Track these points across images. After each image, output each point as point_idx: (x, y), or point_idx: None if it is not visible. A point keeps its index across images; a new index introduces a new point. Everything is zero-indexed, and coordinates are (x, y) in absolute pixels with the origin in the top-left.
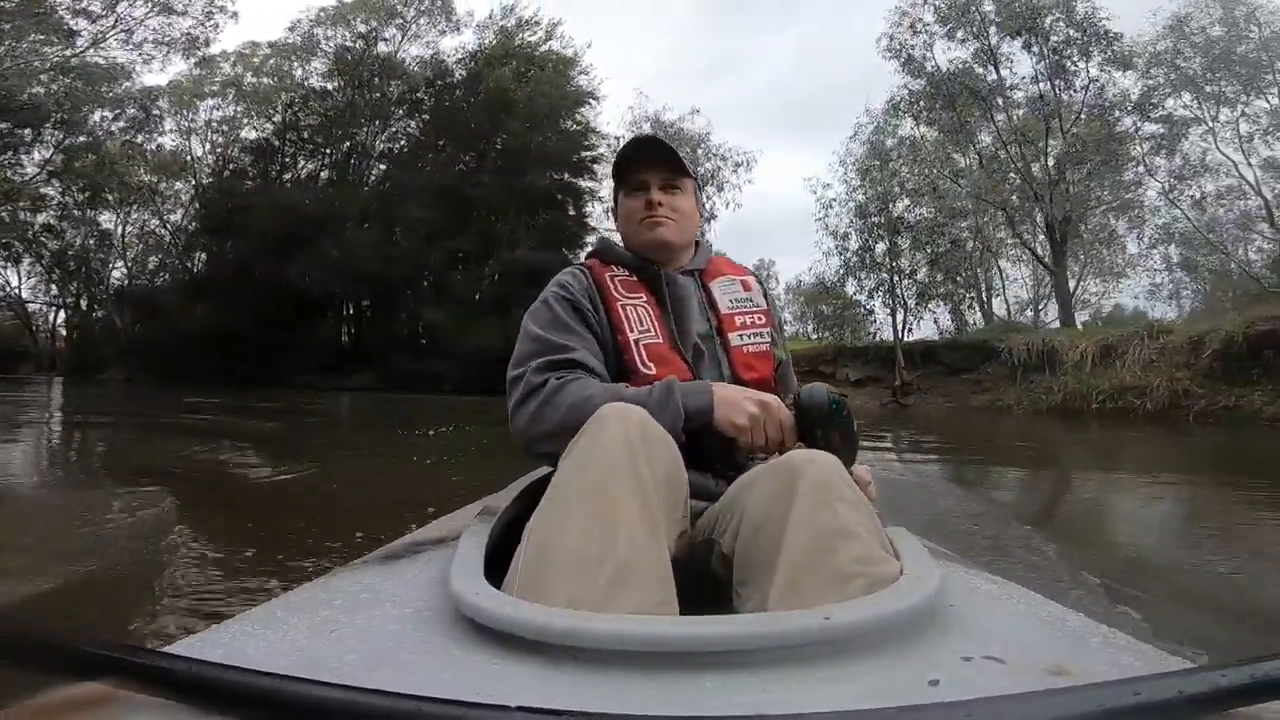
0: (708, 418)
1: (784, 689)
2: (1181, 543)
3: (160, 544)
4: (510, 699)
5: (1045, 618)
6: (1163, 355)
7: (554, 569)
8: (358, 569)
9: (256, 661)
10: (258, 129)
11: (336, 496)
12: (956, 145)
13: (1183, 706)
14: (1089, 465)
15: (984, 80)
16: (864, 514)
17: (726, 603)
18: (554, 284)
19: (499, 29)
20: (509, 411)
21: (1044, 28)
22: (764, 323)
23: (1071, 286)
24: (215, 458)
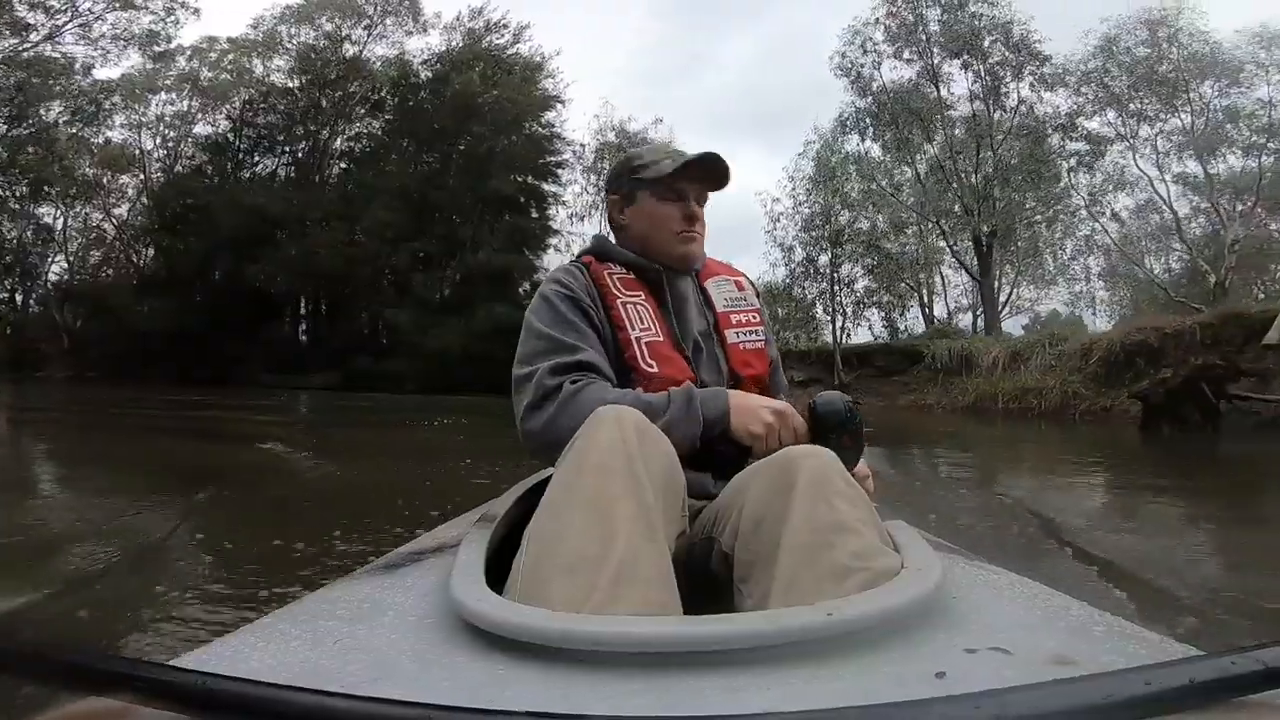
0: (724, 425)
1: (789, 687)
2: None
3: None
4: (516, 704)
5: (1048, 607)
6: (1060, 361)
7: (554, 572)
8: (358, 579)
9: (261, 674)
10: (213, 125)
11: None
12: (897, 161)
13: (1193, 695)
14: (965, 447)
15: (925, 99)
16: (862, 508)
17: (728, 601)
18: (552, 281)
19: (466, 31)
20: (519, 412)
21: (983, 48)
22: (758, 321)
23: (1006, 294)
24: (271, 456)
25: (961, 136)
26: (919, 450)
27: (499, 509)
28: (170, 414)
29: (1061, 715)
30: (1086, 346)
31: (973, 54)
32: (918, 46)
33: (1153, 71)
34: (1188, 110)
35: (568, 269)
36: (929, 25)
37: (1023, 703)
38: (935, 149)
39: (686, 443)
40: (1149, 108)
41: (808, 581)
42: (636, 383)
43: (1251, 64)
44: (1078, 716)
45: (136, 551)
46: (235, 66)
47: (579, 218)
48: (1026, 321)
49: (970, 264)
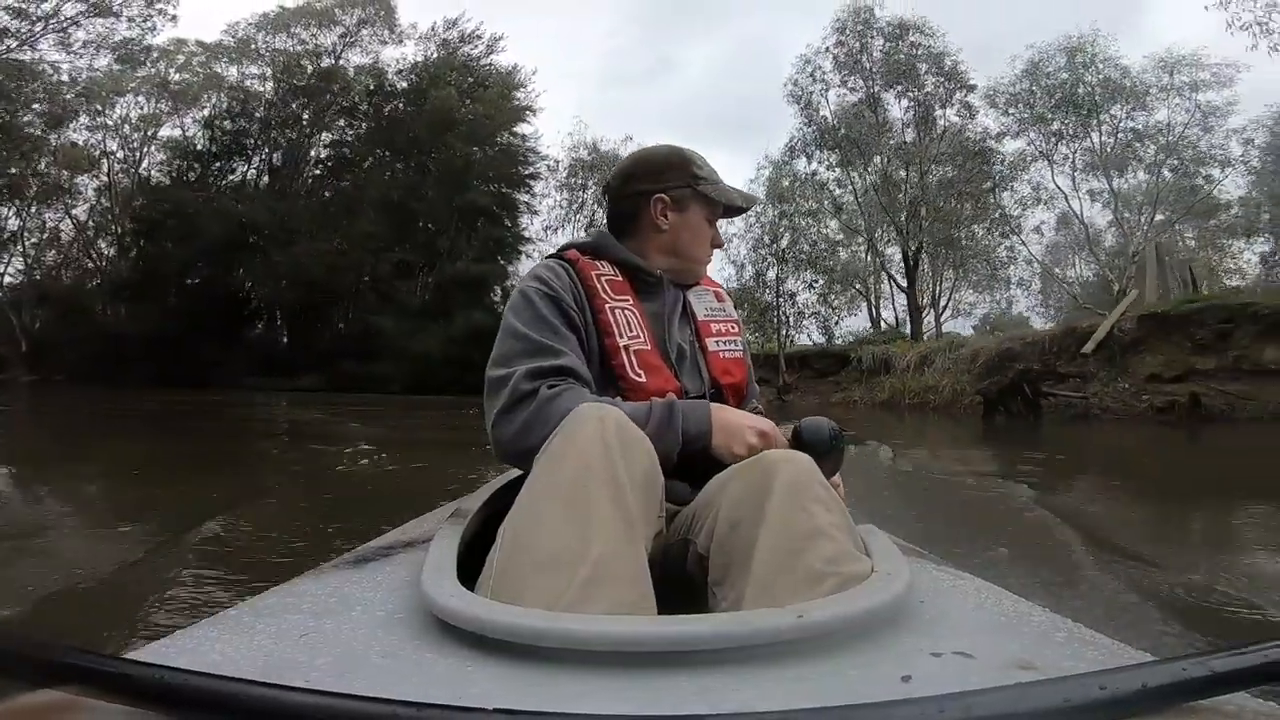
0: (705, 442)
1: (759, 687)
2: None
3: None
4: (487, 701)
5: (1011, 613)
6: (955, 364)
7: (528, 570)
8: (326, 573)
9: (223, 667)
10: (182, 128)
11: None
12: (840, 184)
13: (1146, 699)
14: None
15: (866, 125)
16: (837, 514)
17: (703, 603)
18: (533, 278)
19: (441, 42)
20: (489, 415)
21: (918, 77)
22: (736, 331)
23: (947, 298)
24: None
25: (894, 162)
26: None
27: (472, 505)
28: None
29: (1021, 718)
30: (975, 352)
31: (909, 81)
32: (861, 74)
33: (1072, 94)
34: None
35: (551, 266)
36: (873, 54)
37: (985, 706)
38: (873, 174)
39: (664, 457)
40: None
41: (782, 586)
42: (622, 391)
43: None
44: (1036, 719)
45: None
46: (205, 70)
47: (552, 230)
48: (976, 322)
49: (899, 277)
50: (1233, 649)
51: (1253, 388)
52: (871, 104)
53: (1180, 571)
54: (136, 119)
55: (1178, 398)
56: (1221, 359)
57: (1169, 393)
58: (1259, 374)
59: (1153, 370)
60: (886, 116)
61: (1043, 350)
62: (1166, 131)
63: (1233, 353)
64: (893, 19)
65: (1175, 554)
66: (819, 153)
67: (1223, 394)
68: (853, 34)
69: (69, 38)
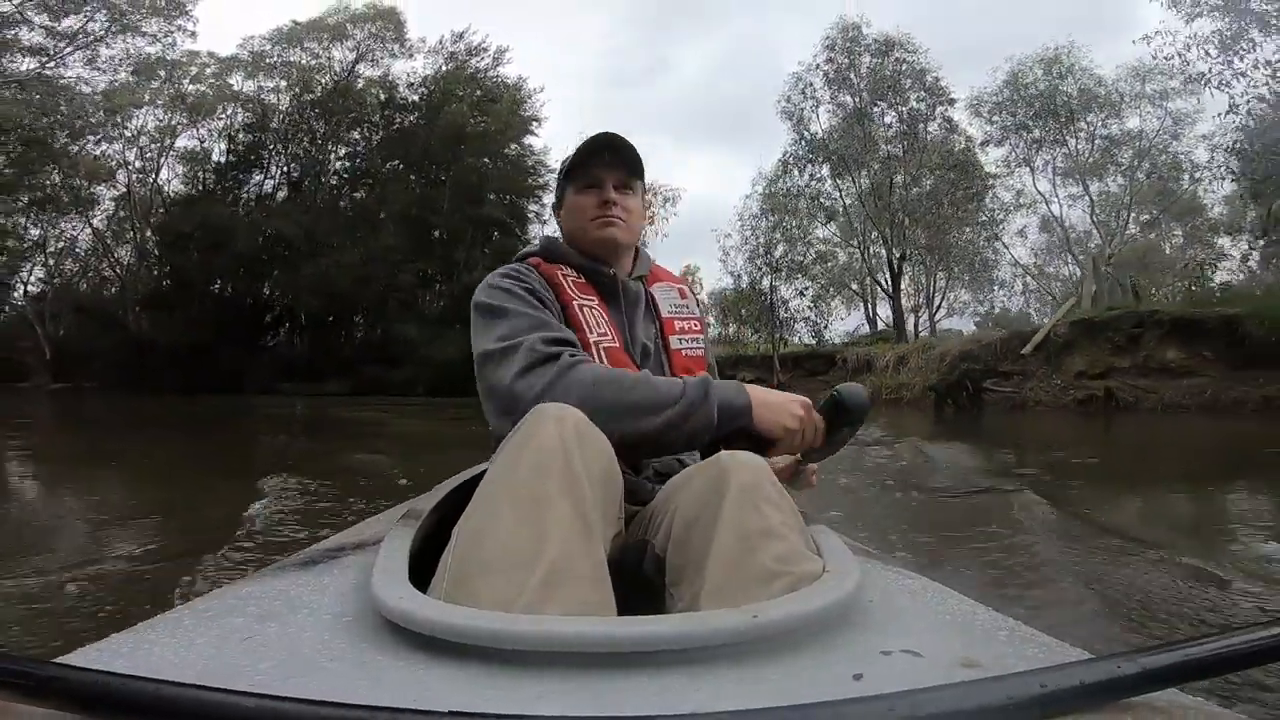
0: (744, 420)
1: (716, 688)
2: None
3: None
4: (441, 704)
5: (957, 612)
6: (927, 363)
7: (483, 571)
8: (270, 575)
9: (162, 672)
10: (199, 139)
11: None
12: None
13: (1083, 695)
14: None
15: (854, 140)
16: (788, 514)
17: (661, 604)
18: (502, 277)
19: (449, 55)
20: (501, 380)
21: (903, 90)
22: (699, 329)
23: (941, 296)
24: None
25: (880, 174)
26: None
27: (425, 505)
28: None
29: (967, 715)
30: (943, 353)
31: (894, 95)
32: (850, 90)
33: (1051, 103)
34: (1074, 138)
35: (515, 268)
36: (860, 70)
37: (933, 704)
38: (862, 183)
39: (701, 435)
40: (1046, 135)
41: (735, 585)
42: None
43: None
44: (982, 716)
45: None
46: (219, 82)
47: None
48: (979, 319)
49: (885, 282)
50: (1162, 647)
51: (1156, 383)
52: (859, 118)
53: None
54: (153, 129)
55: (1096, 392)
56: (1134, 358)
57: (1090, 387)
58: (1161, 371)
59: (1080, 368)
60: (873, 130)
61: (995, 351)
62: (1139, 138)
63: (1142, 353)
64: (879, 36)
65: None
66: (810, 166)
67: (1132, 388)
68: (841, 51)
69: (96, 55)
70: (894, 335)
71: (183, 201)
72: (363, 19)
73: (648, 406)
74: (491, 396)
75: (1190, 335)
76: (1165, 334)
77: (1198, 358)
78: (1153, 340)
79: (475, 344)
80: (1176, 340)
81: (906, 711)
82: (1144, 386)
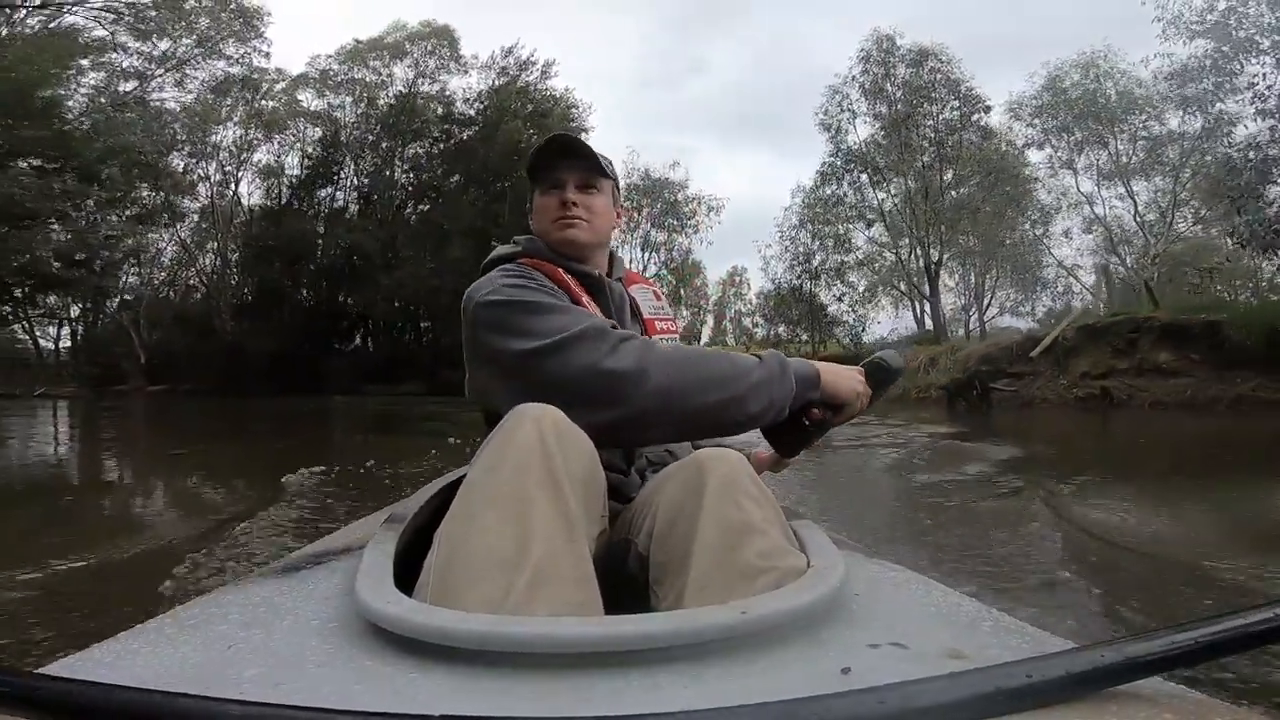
0: (814, 390)
1: (704, 684)
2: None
3: None
4: (430, 708)
5: (942, 604)
6: (953, 365)
7: (468, 573)
8: (253, 582)
9: (145, 680)
10: (275, 154)
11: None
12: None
13: (1068, 685)
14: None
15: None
16: (769, 509)
17: (646, 603)
18: (511, 277)
19: (500, 69)
20: (585, 365)
21: (940, 97)
22: (674, 329)
23: (989, 295)
24: None
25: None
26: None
27: (408, 509)
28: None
29: (955, 706)
30: (968, 355)
31: (931, 102)
32: (886, 101)
33: (1092, 105)
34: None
35: (512, 268)
36: (896, 80)
37: (921, 695)
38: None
39: (778, 405)
40: (1089, 137)
41: (719, 582)
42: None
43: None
44: (970, 706)
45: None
46: (288, 99)
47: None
48: (1041, 317)
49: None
50: (1145, 636)
51: (1148, 383)
52: (895, 128)
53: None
54: (231, 144)
55: (1094, 391)
56: (1131, 360)
57: (1091, 387)
58: (1153, 372)
59: (1084, 369)
60: (909, 139)
61: (1011, 354)
62: (1181, 139)
63: (1138, 355)
64: (913, 46)
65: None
66: (848, 175)
67: (1127, 387)
68: (877, 62)
69: (185, 77)
70: (931, 337)
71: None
72: (419, 37)
73: (733, 376)
74: (565, 387)
75: (1180, 339)
76: (1158, 338)
77: (1186, 360)
78: (1147, 344)
79: (508, 344)
80: (1168, 344)
81: (896, 704)
82: (1137, 386)
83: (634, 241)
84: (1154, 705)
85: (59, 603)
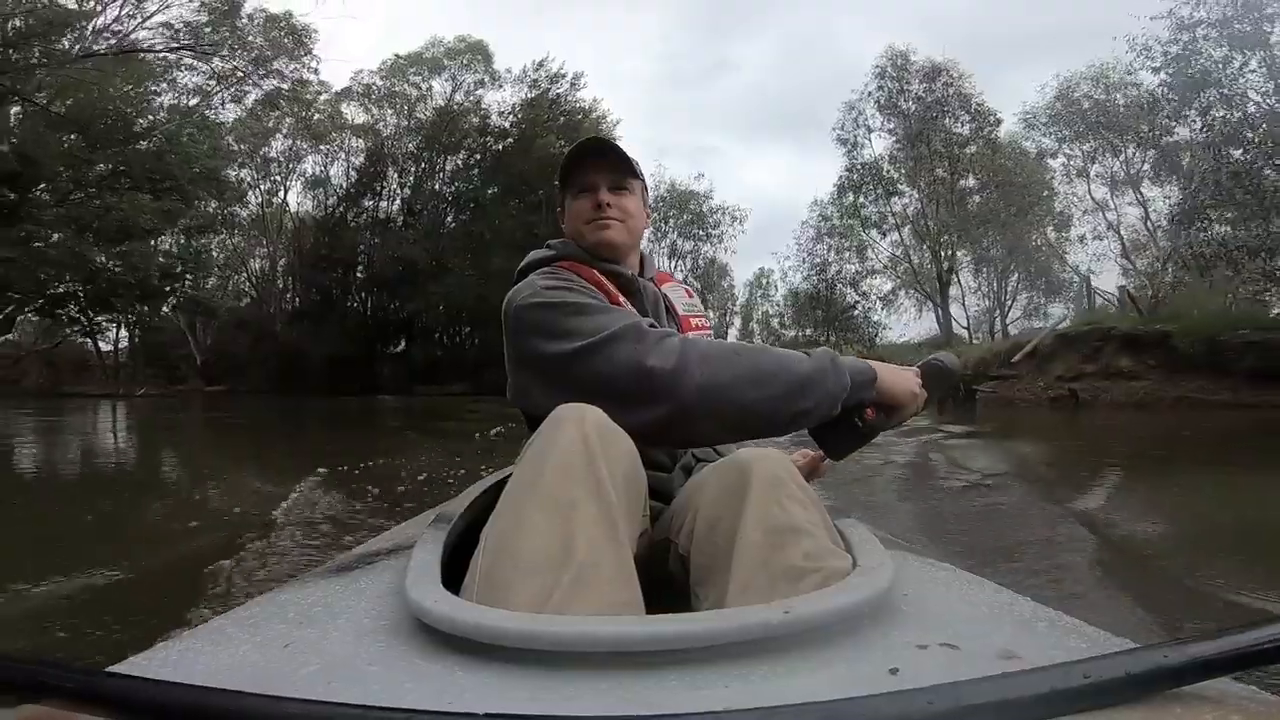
0: (869, 390)
1: (748, 684)
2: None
3: None
4: (476, 706)
5: (994, 603)
6: None
7: (513, 573)
8: (308, 582)
9: (209, 679)
10: (323, 165)
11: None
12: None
13: (1129, 686)
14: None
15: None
16: (813, 509)
17: (687, 602)
18: (550, 278)
19: (531, 82)
20: (630, 362)
21: (952, 110)
22: (707, 327)
23: (1010, 299)
24: None
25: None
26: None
27: (455, 509)
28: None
29: (1008, 707)
30: (966, 359)
31: (944, 115)
32: (900, 115)
33: (1103, 115)
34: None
35: (554, 272)
36: (910, 94)
37: (972, 696)
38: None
39: (830, 401)
40: (1101, 146)
41: (762, 583)
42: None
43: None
44: (1023, 708)
45: None
46: (331, 111)
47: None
48: (1067, 321)
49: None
50: (1212, 635)
51: (1111, 385)
52: (910, 144)
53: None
54: (280, 155)
55: (1063, 391)
56: (1098, 365)
57: (1061, 388)
58: (1115, 375)
59: (1058, 373)
60: (922, 153)
61: (1001, 358)
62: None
63: (1104, 361)
64: (925, 62)
65: None
66: (864, 187)
67: (1093, 389)
68: (891, 78)
69: (243, 94)
70: (944, 341)
71: (317, 226)
72: (455, 52)
73: (779, 371)
74: (607, 386)
75: (1138, 347)
76: (1120, 346)
77: (1143, 365)
78: (1111, 351)
79: (549, 345)
80: (1128, 351)
81: (946, 704)
82: (1101, 387)
83: (662, 250)
84: (1220, 707)
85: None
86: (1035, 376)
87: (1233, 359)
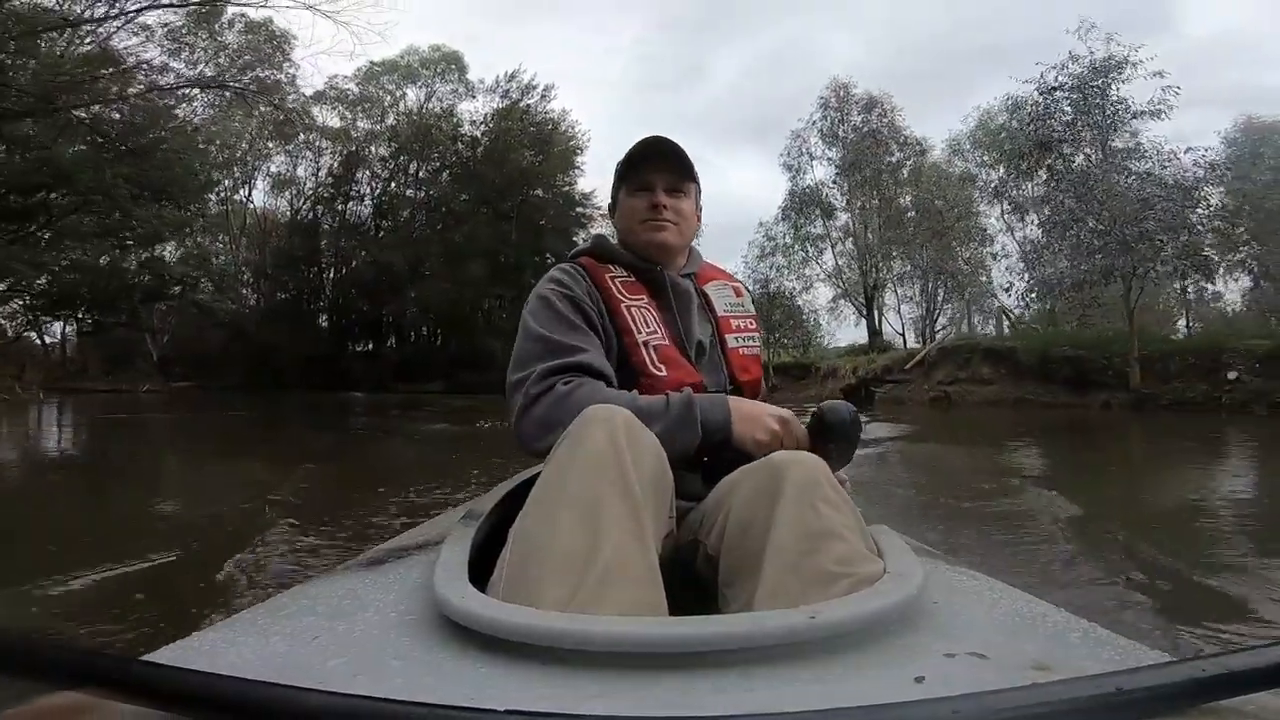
0: (725, 433)
1: (771, 688)
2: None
3: None
4: (499, 702)
5: (1026, 614)
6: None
7: (540, 571)
8: (339, 575)
9: (238, 669)
10: (291, 166)
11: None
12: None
13: (1162, 700)
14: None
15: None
16: (847, 514)
17: (713, 604)
18: (550, 281)
19: (503, 93)
20: (513, 420)
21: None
22: (754, 328)
23: (948, 314)
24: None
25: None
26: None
27: (484, 506)
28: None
29: (1035, 719)
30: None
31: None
32: (840, 144)
33: (1015, 143)
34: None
35: (566, 270)
36: (849, 125)
37: (998, 706)
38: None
39: (683, 450)
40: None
41: (793, 587)
42: (644, 386)
43: None
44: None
45: None
46: (302, 110)
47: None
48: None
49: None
50: (1251, 648)
51: (976, 388)
52: (848, 172)
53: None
54: (242, 154)
55: (938, 393)
56: (968, 372)
57: (939, 391)
58: (978, 381)
59: (939, 378)
60: (856, 181)
61: (901, 365)
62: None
63: (971, 369)
64: (863, 94)
65: None
66: (805, 209)
67: (962, 391)
68: (833, 108)
69: (221, 99)
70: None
71: (290, 229)
72: (430, 62)
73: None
74: (514, 431)
75: (995, 358)
76: (982, 357)
77: (997, 372)
78: (976, 360)
79: (515, 356)
80: (988, 361)
81: (972, 714)
82: (968, 390)
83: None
84: None
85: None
86: (923, 380)
87: (1055, 369)
